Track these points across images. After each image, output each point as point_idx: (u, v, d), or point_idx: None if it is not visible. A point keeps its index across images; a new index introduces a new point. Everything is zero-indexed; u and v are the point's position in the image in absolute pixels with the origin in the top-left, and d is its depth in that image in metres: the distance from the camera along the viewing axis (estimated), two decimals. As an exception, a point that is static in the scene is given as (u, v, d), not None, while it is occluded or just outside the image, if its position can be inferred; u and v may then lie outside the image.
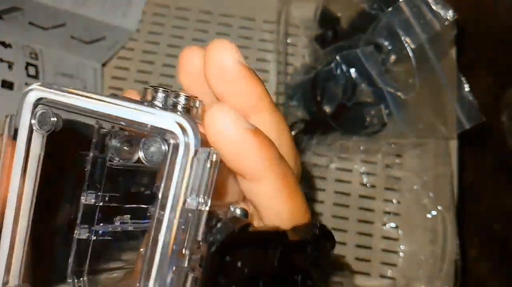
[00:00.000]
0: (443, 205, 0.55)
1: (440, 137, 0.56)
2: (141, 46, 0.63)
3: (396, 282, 0.54)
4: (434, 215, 0.55)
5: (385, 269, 0.54)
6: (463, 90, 0.56)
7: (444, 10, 0.54)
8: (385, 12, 0.54)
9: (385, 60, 0.55)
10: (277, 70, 0.61)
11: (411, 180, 0.57)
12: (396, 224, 0.56)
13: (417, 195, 0.56)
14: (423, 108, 0.55)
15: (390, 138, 0.56)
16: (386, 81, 0.53)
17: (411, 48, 0.54)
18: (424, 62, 0.54)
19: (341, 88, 0.55)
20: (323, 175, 0.57)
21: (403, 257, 0.55)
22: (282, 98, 0.58)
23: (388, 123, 0.55)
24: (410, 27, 0.54)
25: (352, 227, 0.56)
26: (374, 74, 0.53)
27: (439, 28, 0.54)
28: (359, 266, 0.54)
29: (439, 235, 0.54)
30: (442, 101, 0.55)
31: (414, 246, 0.55)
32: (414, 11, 0.54)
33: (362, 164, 0.58)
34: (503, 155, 0.67)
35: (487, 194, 0.66)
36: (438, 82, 0.55)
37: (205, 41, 0.63)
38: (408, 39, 0.54)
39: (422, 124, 0.55)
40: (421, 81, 0.54)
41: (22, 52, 0.53)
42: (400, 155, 0.58)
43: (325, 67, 0.55)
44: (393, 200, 0.57)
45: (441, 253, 0.53)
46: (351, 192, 0.57)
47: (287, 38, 0.62)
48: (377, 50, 0.55)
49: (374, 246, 0.55)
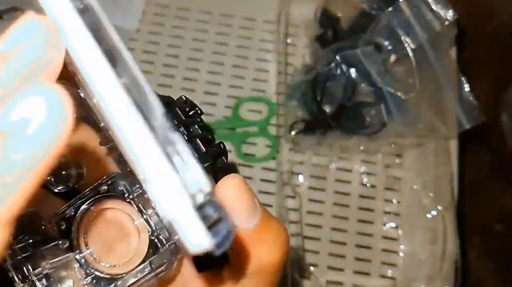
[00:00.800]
0: (443, 205, 0.55)
1: (440, 137, 0.56)
2: (141, 46, 0.63)
3: (396, 282, 0.54)
4: (434, 215, 0.55)
5: (385, 269, 0.54)
6: (463, 90, 0.56)
7: (444, 10, 0.54)
8: (385, 12, 0.54)
9: (385, 60, 0.55)
10: (277, 70, 0.61)
11: (411, 180, 0.57)
12: (396, 224, 0.56)
13: (417, 195, 0.56)
14: (423, 108, 0.55)
15: (390, 138, 0.56)
16: (386, 81, 0.54)
17: (411, 48, 0.54)
18: (424, 62, 0.54)
19: (341, 88, 0.55)
20: (323, 175, 0.57)
21: (403, 257, 0.54)
22: (282, 98, 0.58)
23: (388, 123, 0.55)
24: (410, 27, 0.54)
25: (352, 227, 0.56)
26: (374, 74, 0.53)
27: (439, 28, 0.54)
28: (359, 266, 0.54)
29: (439, 235, 0.54)
30: (442, 101, 0.55)
31: (414, 246, 0.55)
32: (414, 11, 0.54)
33: (362, 164, 0.58)
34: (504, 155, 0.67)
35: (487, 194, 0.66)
36: (438, 82, 0.55)
37: (205, 41, 0.63)
38: (408, 39, 0.54)
39: (422, 124, 0.55)
40: (421, 81, 0.54)
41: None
42: (400, 155, 0.58)
43: (325, 67, 0.56)
44: (393, 200, 0.57)
45: (441, 253, 0.53)
46: (351, 192, 0.57)
47: (287, 38, 0.62)
48: (377, 50, 0.55)
49: (374, 246, 0.55)
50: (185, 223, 0.14)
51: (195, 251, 0.14)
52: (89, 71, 0.15)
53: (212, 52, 0.63)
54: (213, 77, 0.61)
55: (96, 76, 0.15)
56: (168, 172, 0.14)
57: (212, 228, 0.15)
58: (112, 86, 0.15)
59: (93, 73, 0.15)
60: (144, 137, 0.14)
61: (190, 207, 0.14)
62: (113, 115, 0.15)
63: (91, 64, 0.15)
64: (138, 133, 0.14)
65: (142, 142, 0.14)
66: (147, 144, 0.14)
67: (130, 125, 0.14)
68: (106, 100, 0.15)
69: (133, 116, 0.15)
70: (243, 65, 0.62)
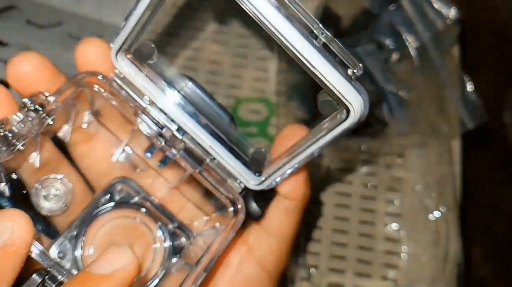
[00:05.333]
0: (446, 206, 0.54)
1: (442, 136, 0.56)
2: (140, 45, 0.62)
3: (398, 284, 0.53)
4: (437, 216, 0.55)
5: (387, 271, 0.54)
6: (466, 89, 0.56)
7: (447, 8, 0.54)
8: (387, 10, 0.54)
9: (387, 59, 0.55)
10: (277, 70, 0.60)
11: (413, 180, 0.57)
12: (398, 225, 0.55)
13: (419, 196, 0.56)
14: (426, 107, 0.55)
15: (391, 137, 0.56)
16: (388, 80, 0.53)
17: (413, 46, 0.54)
18: (427, 61, 0.54)
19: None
20: (323, 176, 0.57)
21: (405, 259, 0.54)
22: (282, 98, 0.58)
23: (390, 123, 0.55)
24: (412, 26, 0.54)
25: (354, 228, 0.55)
26: (376, 73, 0.53)
27: (441, 26, 0.54)
28: (361, 268, 0.54)
29: (442, 236, 0.54)
30: (445, 100, 0.55)
31: (416, 248, 0.54)
32: (416, 9, 0.54)
33: (363, 164, 0.57)
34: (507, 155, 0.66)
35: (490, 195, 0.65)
36: (440, 81, 0.54)
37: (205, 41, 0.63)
38: (410, 38, 0.54)
39: (424, 123, 0.55)
40: (424, 80, 0.54)
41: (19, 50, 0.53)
42: (402, 155, 0.58)
43: (326, 66, 0.55)
44: (395, 201, 0.56)
45: (444, 254, 0.53)
46: (352, 193, 0.57)
47: (287, 37, 0.61)
48: (379, 49, 0.54)
49: (376, 247, 0.55)
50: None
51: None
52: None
53: (211, 52, 0.62)
54: (212, 77, 0.61)
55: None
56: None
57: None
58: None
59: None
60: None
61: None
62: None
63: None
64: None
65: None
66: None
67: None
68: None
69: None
70: (242, 65, 0.61)
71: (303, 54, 0.24)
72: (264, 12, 0.23)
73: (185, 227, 0.29)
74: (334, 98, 0.26)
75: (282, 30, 0.23)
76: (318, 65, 0.24)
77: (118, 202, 0.28)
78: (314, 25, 0.25)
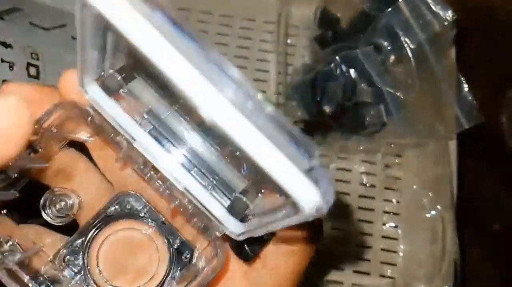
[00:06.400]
0: (443, 204, 0.55)
1: (439, 137, 0.56)
2: (141, 47, 0.63)
3: (396, 281, 0.54)
4: (434, 215, 0.55)
5: (385, 268, 0.54)
6: (462, 90, 0.56)
7: (444, 10, 0.54)
8: (385, 12, 0.55)
9: (385, 60, 0.55)
10: (277, 70, 0.61)
11: (410, 180, 0.57)
12: (396, 224, 0.56)
13: (417, 195, 0.56)
14: (423, 108, 0.55)
15: (389, 138, 0.57)
16: (385, 81, 0.54)
17: (411, 48, 0.54)
18: (424, 62, 0.54)
19: (341, 88, 0.55)
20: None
21: (403, 257, 0.55)
22: (282, 98, 0.58)
23: (388, 123, 0.55)
24: (409, 28, 0.54)
25: (352, 226, 0.56)
26: (374, 74, 0.53)
27: (438, 28, 0.54)
28: (359, 266, 0.54)
29: (439, 235, 0.54)
30: (442, 101, 0.55)
31: (413, 246, 0.55)
32: (413, 11, 0.54)
33: (362, 164, 0.58)
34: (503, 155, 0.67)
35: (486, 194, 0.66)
36: (437, 82, 0.55)
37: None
38: (408, 40, 0.54)
39: (422, 124, 0.55)
40: (421, 81, 0.54)
41: (23, 52, 0.53)
42: (399, 155, 0.58)
43: (324, 67, 0.56)
44: (393, 199, 0.57)
45: (441, 252, 0.53)
46: (350, 192, 0.57)
47: (287, 38, 0.62)
48: (377, 51, 0.55)
49: (374, 245, 0.55)
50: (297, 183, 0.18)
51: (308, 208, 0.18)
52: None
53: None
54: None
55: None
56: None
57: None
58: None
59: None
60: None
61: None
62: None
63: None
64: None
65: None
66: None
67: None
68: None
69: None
70: (243, 65, 0.62)
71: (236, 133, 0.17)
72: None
73: (189, 243, 0.28)
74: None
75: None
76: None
77: (124, 214, 0.28)
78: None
